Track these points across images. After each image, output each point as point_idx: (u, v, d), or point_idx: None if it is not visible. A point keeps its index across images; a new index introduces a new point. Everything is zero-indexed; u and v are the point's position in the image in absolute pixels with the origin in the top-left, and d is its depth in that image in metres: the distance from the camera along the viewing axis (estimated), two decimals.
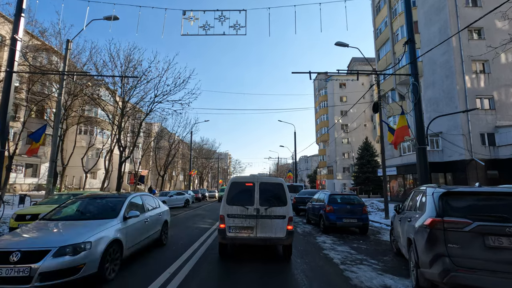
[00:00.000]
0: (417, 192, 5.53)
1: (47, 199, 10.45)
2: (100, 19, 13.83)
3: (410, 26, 10.75)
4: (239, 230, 6.13)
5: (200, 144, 60.90)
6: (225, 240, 6.19)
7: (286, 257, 6.58)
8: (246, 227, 6.12)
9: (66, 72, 12.63)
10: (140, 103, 23.49)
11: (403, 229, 5.57)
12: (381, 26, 32.65)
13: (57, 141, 12.85)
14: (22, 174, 27.94)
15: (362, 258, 6.67)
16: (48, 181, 12.48)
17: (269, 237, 6.08)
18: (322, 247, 7.90)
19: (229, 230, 6.16)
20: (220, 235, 6.20)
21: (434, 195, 4.21)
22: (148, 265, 5.77)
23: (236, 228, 6.14)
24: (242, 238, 6.13)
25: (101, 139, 32.42)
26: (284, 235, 6.09)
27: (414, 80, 10.46)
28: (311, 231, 10.98)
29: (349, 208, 10.50)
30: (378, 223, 13.32)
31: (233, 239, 6.16)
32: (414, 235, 4.37)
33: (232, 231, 6.15)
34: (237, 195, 6.38)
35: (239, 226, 6.14)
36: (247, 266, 5.91)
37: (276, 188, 6.46)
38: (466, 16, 22.14)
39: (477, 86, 21.93)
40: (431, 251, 3.82)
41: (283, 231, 6.10)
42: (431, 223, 3.88)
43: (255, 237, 6.10)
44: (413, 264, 4.47)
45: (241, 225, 6.13)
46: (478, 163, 20.77)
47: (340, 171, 53.66)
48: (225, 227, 6.16)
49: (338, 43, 14.66)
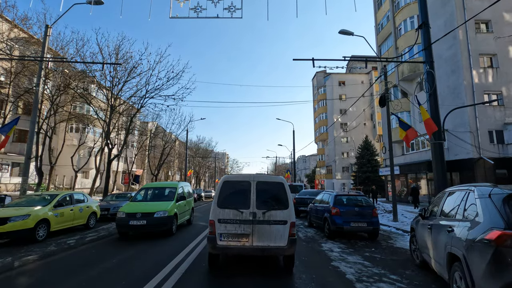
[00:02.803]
0: (455, 193, 4.42)
1: (15, 201, 9.28)
2: (83, 3, 12.69)
3: (424, 8, 9.67)
4: (232, 238, 5.20)
5: (197, 143, 59.64)
6: (215, 250, 5.23)
7: (287, 269, 5.57)
8: (241, 234, 5.19)
9: (45, 58, 11.41)
10: (132, 99, 22.28)
11: (436, 240, 4.46)
12: (382, 20, 31.66)
13: (33, 137, 11.64)
14: (8, 173, 26.61)
15: (380, 273, 5.56)
16: (23, 181, 11.27)
17: (267, 247, 5.14)
18: (330, 257, 6.78)
19: (220, 238, 5.21)
20: (210, 243, 5.22)
21: (494, 198, 3.11)
22: None
23: (229, 235, 5.21)
24: (236, 247, 5.19)
25: (93, 137, 31.16)
26: (285, 244, 5.15)
27: (429, 68, 9.38)
28: (314, 236, 9.87)
29: (357, 210, 9.40)
30: (387, 226, 12.23)
31: (225, 249, 5.22)
32: (466, 252, 3.25)
33: (224, 239, 5.21)
34: (230, 196, 5.46)
35: (232, 234, 5.20)
36: (241, 283, 4.81)
37: (276, 189, 5.55)
38: (473, 9, 21.12)
39: (485, 81, 20.93)
40: (500, 277, 2.72)
41: (284, 239, 5.17)
42: (499, 238, 2.77)
43: (250, 246, 5.16)
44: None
45: (235, 232, 5.20)
46: (486, 161, 19.79)
47: (339, 170, 52.65)
48: (216, 234, 5.22)
49: (342, 31, 13.56)
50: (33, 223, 7.97)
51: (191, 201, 12.23)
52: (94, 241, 8.44)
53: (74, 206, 10.02)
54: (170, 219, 9.06)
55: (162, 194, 10.70)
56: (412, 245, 6.37)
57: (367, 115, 53.67)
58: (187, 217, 11.39)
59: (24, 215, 7.92)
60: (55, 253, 6.93)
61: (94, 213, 11.20)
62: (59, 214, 9.13)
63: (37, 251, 7.04)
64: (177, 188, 10.52)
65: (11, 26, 18.54)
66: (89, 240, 8.63)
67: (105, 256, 6.62)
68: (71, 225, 9.87)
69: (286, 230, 5.20)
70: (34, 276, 5.25)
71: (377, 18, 32.74)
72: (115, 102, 20.79)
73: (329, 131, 54.23)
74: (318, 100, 59.29)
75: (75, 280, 4.90)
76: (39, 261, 6.18)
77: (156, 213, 8.82)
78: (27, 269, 5.63)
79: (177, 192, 10.29)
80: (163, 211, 8.93)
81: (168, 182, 12.64)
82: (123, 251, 7.07)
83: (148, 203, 9.78)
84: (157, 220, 8.74)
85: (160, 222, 8.78)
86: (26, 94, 18.92)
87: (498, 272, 2.76)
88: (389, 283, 4.94)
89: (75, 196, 10.48)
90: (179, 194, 10.47)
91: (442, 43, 20.99)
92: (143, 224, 8.59)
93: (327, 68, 18.19)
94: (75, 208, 10.03)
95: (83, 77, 20.95)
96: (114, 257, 6.44)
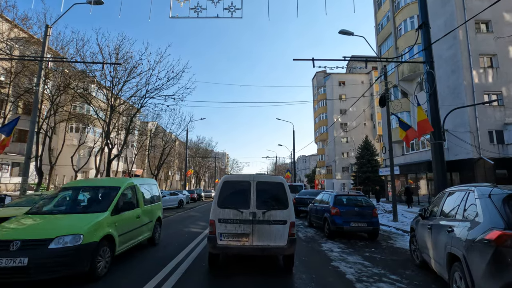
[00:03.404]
0: (455, 193, 4.41)
1: (15, 201, 9.28)
2: (83, 3, 12.69)
3: (424, 8, 9.67)
4: (232, 238, 5.26)
5: (197, 143, 59.63)
6: (215, 249, 5.29)
7: (287, 269, 5.65)
8: (241, 234, 5.25)
9: (45, 58, 11.40)
10: (132, 99, 22.25)
11: (436, 240, 4.46)
12: (382, 21, 31.66)
13: (33, 137, 11.63)
14: (8, 173, 26.61)
15: (380, 273, 5.56)
16: (23, 181, 11.25)
17: (267, 246, 5.21)
18: (330, 257, 6.78)
19: (220, 238, 5.27)
20: (210, 243, 5.28)
21: (494, 198, 3.10)
22: None
23: (229, 235, 5.27)
24: (236, 247, 5.25)
25: (93, 137, 31.15)
26: (285, 244, 5.22)
27: (429, 68, 9.37)
28: (314, 236, 9.87)
29: (357, 210, 9.40)
30: (387, 226, 12.23)
31: (225, 248, 5.28)
32: (466, 252, 3.25)
33: (224, 238, 5.27)
34: (230, 196, 5.52)
35: (232, 233, 5.27)
36: (241, 283, 4.81)
37: (276, 189, 5.61)
38: (473, 9, 21.11)
39: (485, 81, 20.93)
40: (500, 277, 2.71)
41: (283, 239, 5.24)
42: (498, 238, 2.77)
43: (250, 246, 5.22)
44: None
45: (235, 232, 5.26)
46: (486, 161, 19.78)
47: (339, 170, 52.64)
48: (216, 234, 5.27)
49: (342, 31, 13.57)
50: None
51: (156, 209, 8.08)
52: None
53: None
54: (86, 250, 4.67)
55: (93, 200, 6.43)
56: (412, 245, 6.37)
57: (367, 115, 53.66)
58: (146, 235, 7.25)
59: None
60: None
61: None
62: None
63: None
64: (122, 188, 6.36)
65: (11, 26, 18.54)
66: None
67: None
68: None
69: (286, 230, 5.25)
70: None
71: (377, 18, 32.73)
72: (115, 102, 20.78)
73: (329, 131, 54.23)
74: (318, 100, 59.30)
75: None
76: None
77: (56, 240, 4.47)
78: None
79: (118, 196, 6.03)
80: (73, 236, 4.61)
81: (107, 179, 8.08)
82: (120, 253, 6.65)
83: (54, 217, 5.43)
84: (55, 255, 4.37)
85: (60, 260, 4.39)
86: (26, 94, 18.91)
87: (498, 272, 2.75)
88: (389, 283, 4.94)
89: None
90: (126, 199, 6.48)
91: (442, 43, 20.98)
92: (22, 267, 4.17)
93: (327, 68, 18.08)
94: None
95: (83, 77, 20.93)
96: None
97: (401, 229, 11.14)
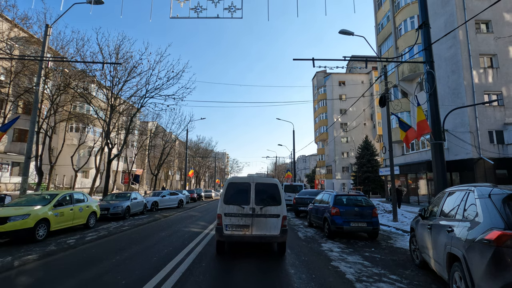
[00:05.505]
0: (455, 193, 4.41)
1: (15, 201, 9.28)
2: (83, 2, 12.69)
3: (424, 8, 9.67)
4: (236, 228, 6.36)
5: (197, 143, 59.63)
6: (222, 237, 6.37)
7: (280, 253, 6.79)
8: (242, 225, 6.36)
9: (45, 58, 11.40)
10: (132, 99, 22.26)
11: (436, 240, 4.46)
12: (383, 21, 31.65)
13: (33, 136, 11.63)
14: (8, 173, 26.60)
15: (380, 273, 5.56)
16: (23, 180, 11.25)
17: (264, 235, 6.34)
18: (330, 257, 6.78)
19: (226, 228, 6.38)
20: (218, 233, 6.39)
21: (494, 198, 3.10)
22: None
23: (233, 226, 6.37)
24: (238, 236, 6.35)
25: (93, 136, 31.15)
26: (278, 233, 6.36)
27: (429, 68, 9.38)
28: (314, 236, 9.87)
29: (357, 210, 9.39)
30: (386, 226, 12.23)
31: (230, 237, 6.36)
32: (466, 252, 3.25)
33: (229, 229, 6.38)
34: (234, 195, 6.57)
35: (235, 225, 6.37)
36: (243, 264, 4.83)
37: (271, 189, 6.69)
38: (474, 9, 21.13)
39: (485, 81, 20.92)
40: (500, 278, 2.71)
41: (277, 229, 6.37)
42: (498, 239, 2.77)
43: (250, 235, 6.34)
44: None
45: (238, 224, 6.37)
46: (486, 162, 19.78)
47: (339, 170, 52.62)
48: (222, 225, 6.37)
49: (342, 31, 13.56)
50: (33, 222, 7.99)
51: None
52: (94, 241, 8.42)
53: (74, 205, 10.05)
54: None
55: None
56: (412, 245, 6.36)
57: (367, 115, 53.64)
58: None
59: (24, 214, 7.93)
60: (55, 252, 6.93)
61: (94, 213, 11.22)
62: (59, 213, 9.16)
63: (37, 251, 7.04)
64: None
65: (11, 26, 18.53)
66: (89, 239, 8.62)
67: (104, 255, 6.62)
68: (71, 224, 9.89)
69: (279, 222, 6.38)
70: (33, 275, 5.25)
71: (377, 18, 32.73)
72: (115, 101, 20.78)
73: (329, 131, 54.21)
74: (318, 100, 59.27)
75: (74, 280, 4.90)
76: (38, 261, 6.18)
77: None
78: (27, 269, 5.63)
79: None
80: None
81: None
82: (123, 251, 7.06)
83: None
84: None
85: None
86: (26, 94, 18.92)
87: (498, 272, 2.75)
88: (389, 283, 4.94)
89: (75, 196, 10.49)
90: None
91: (442, 43, 21.00)
92: None
93: (327, 68, 18.07)
94: (75, 208, 10.06)
95: (83, 77, 20.94)
96: (114, 257, 6.44)
97: (401, 229, 11.15)
